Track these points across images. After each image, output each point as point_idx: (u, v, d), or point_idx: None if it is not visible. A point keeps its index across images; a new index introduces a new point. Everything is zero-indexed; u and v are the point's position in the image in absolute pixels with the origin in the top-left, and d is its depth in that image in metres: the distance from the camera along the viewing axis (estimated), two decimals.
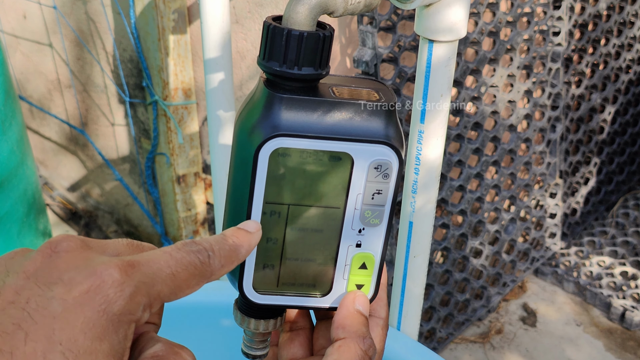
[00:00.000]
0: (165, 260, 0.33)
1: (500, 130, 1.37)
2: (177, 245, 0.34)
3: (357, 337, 0.38)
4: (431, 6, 0.60)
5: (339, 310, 0.40)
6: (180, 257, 0.33)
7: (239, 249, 0.36)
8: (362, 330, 0.39)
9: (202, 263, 0.34)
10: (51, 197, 1.85)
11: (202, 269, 0.34)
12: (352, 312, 0.40)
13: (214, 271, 0.35)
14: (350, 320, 0.39)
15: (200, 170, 1.45)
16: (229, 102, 0.89)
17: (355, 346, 0.38)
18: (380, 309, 0.42)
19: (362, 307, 0.40)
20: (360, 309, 0.40)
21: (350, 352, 0.38)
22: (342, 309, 0.40)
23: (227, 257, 0.36)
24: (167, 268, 0.32)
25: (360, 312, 0.40)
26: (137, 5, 1.29)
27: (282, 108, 0.37)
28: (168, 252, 0.33)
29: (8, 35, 1.70)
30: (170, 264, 0.33)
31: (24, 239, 1.11)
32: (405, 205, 0.71)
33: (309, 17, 0.37)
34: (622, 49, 1.64)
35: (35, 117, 1.82)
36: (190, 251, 0.34)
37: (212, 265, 0.35)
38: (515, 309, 1.55)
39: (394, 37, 1.09)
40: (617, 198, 1.84)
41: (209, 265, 0.34)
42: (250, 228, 0.38)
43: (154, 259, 0.32)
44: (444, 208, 1.33)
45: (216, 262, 0.35)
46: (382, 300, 0.43)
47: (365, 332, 0.39)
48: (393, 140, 0.38)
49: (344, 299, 0.40)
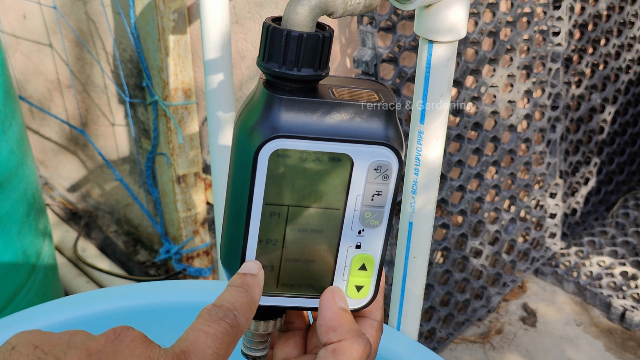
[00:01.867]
0: (204, 340, 0.34)
1: (500, 130, 1.37)
2: (204, 317, 0.35)
3: (352, 337, 0.38)
4: (431, 7, 0.60)
5: (323, 311, 0.39)
6: (213, 332, 0.34)
7: (255, 297, 0.38)
8: (354, 328, 0.38)
9: (232, 326, 0.35)
10: (51, 197, 1.85)
11: (233, 333, 0.35)
12: (337, 311, 0.39)
13: (242, 329, 0.36)
14: (338, 321, 0.38)
15: (200, 171, 1.45)
16: (228, 102, 0.89)
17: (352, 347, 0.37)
18: (375, 311, 0.42)
19: (344, 303, 0.40)
20: (342, 306, 0.39)
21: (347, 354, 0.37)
22: (326, 310, 0.39)
23: (248, 310, 0.37)
24: (208, 349, 0.34)
25: (344, 309, 0.39)
26: (137, 5, 1.29)
27: (281, 109, 0.37)
28: (202, 330, 0.34)
29: (8, 35, 1.70)
30: (209, 344, 0.34)
31: (24, 239, 1.11)
32: (405, 205, 0.71)
33: (308, 18, 0.37)
34: (622, 49, 1.64)
35: (35, 117, 1.82)
36: (219, 319, 0.35)
37: (240, 324, 0.36)
38: (515, 309, 1.55)
39: (394, 37, 1.09)
40: (617, 198, 1.84)
41: (237, 326, 0.36)
42: (253, 270, 0.39)
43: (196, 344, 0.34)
44: (444, 208, 1.33)
45: (242, 319, 0.36)
46: (377, 303, 0.42)
47: (358, 329, 0.38)
48: (393, 141, 0.38)
49: (324, 300, 0.40)
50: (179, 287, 0.73)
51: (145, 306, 0.71)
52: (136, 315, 0.70)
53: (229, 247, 0.40)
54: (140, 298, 0.71)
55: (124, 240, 1.72)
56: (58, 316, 0.68)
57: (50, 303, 0.70)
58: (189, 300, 0.72)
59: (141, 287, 0.72)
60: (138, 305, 0.71)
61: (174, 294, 0.72)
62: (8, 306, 1.10)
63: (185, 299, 0.72)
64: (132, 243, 1.71)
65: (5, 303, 1.09)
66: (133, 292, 0.72)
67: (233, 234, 0.40)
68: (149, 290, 0.72)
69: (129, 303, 0.71)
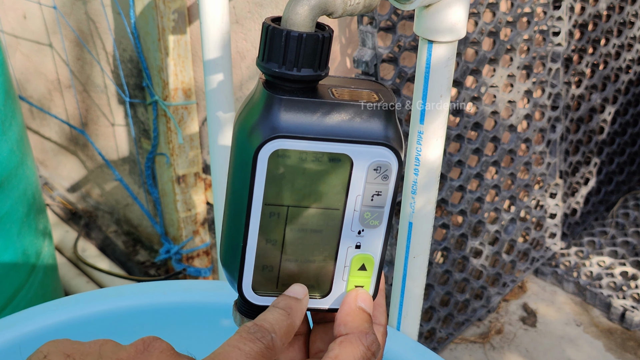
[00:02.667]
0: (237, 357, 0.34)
1: (500, 130, 1.37)
2: (242, 334, 0.35)
3: (360, 332, 0.38)
4: (430, 7, 0.60)
5: (341, 308, 0.40)
6: (248, 350, 0.34)
7: (295, 321, 0.38)
8: (364, 326, 0.39)
9: (268, 348, 0.35)
10: (51, 197, 1.85)
11: (268, 355, 0.35)
12: (354, 309, 0.40)
13: (277, 351, 0.36)
14: (352, 317, 0.39)
15: (200, 171, 1.45)
16: (228, 102, 0.89)
17: (357, 342, 0.38)
18: (379, 315, 0.42)
19: (365, 305, 0.40)
20: (362, 306, 0.40)
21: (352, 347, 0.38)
22: (344, 306, 0.40)
23: (287, 334, 0.37)
24: None
25: (363, 309, 0.40)
26: (137, 5, 1.29)
27: (281, 109, 0.37)
28: (236, 347, 0.34)
29: (8, 35, 1.70)
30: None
31: (24, 239, 1.11)
32: (405, 205, 0.71)
33: (308, 18, 0.37)
34: (622, 49, 1.64)
35: (35, 117, 1.82)
36: (255, 339, 0.35)
37: (276, 347, 0.36)
38: (515, 309, 1.55)
39: (394, 37, 1.09)
40: (617, 198, 1.84)
41: (273, 348, 0.36)
42: (299, 295, 0.39)
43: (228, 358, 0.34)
44: (444, 208, 1.33)
45: (279, 343, 0.36)
46: (381, 307, 0.43)
47: (368, 328, 0.39)
48: (392, 141, 0.38)
49: (346, 297, 0.40)
50: (179, 287, 0.73)
51: (145, 306, 0.71)
52: (136, 315, 0.70)
53: (228, 247, 0.40)
54: (140, 298, 0.71)
55: (123, 240, 1.72)
56: (58, 316, 0.68)
57: (50, 303, 0.70)
58: (189, 300, 0.72)
59: (141, 287, 0.72)
60: (138, 305, 0.71)
61: (174, 294, 0.72)
62: (8, 306, 1.10)
63: (185, 299, 0.72)
64: (132, 243, 1.71)
65: (5, 303, 1.09)
66: (133, 292, 0.72)
67: (233, 234, 0.40)
68: (149, 290, 0.72)
69: (128, 303, 0.71)
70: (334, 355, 0.38)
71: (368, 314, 0.40)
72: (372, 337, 0.39)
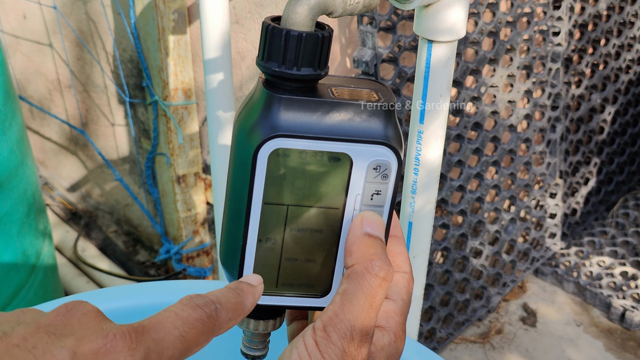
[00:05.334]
0: (172, 321, 0.32)
1: (500, 130, 1.37)
2: (183, 301, 0.34)
3: (364, 261, 0.36)
4: (430, 6, 0.60)
5: (347, 237, 0.38)
6: (186, 316, 0.33)
7: (245, 301, 0.36)
8: (369, 252, 0.36)
9: (210, 317, 0.34)
10: (51, 198, 1.85)
11: (210, 324, 0.34)
12: (359, 236, 0.37)
13: (221, 324, 0.34)
14: (356, 246, 0.37)
15: (200, 171, 1.45)
16: (228, 102, 0.89)
17: (362, 270, 0.36)
18: (403, 264, 0.40)
19: (371, 229, 0.38)
20: (369, 231, 0.38)
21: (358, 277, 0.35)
22: (350, 235, 0.38)
23: (234, 309, 0.35)
24: (175, 330, 0.32)
25: (370, 234, 0.37)
26: (137, 6, 1.29)
27: (281, 109, 0.37)
28: (174, 312, 0.33)
29: (8, 35, 1.70)
30: (177, 325, 0.32)
31: (24, 240, 1.11)
32: (405, 205, 0.71)
33: (307, 17, 0.37)
34: (622, 49, 1.64)
35: (36, 117, 1.82)
36: (197, 305, 0.34)
37: (220, 319, 0.34)
38: (515, 309, 1.55)
39: (394, 37, 1.09)
40: (617, 198, 1.84)
41: (216, 319, 0.34)
42: (253, 282, 0.38)
43: (161, 322, 0.32)
44: (444, 208, 1.33)
45: (223, 315, 0.34)
46: (403, 255, 0.40)
47: (373, 254, 0.36)
48: (392, 140, 0.38)
49: (352, 224, 0.38)
50: (179, 287, 0.73)
51: (145, 306, 0.71)
52: (136, 315, 0.70)
53: (228, 246, 0.40)
54: (140, 298, 0.71)
55: (123, 241, 1.72)
56: None
57: (50, 303, 0.70)
58: None
59: (141, 287, 0.72)
60: (138, 305, 0.71)
61: (174, 294, 0.72)
62: (8, 306, 1.10)
63: None
64: (132, 243, 1.71)
65: (5, 303, 1.09)
66: (133, 292, 0.72)
67: (233, 234, 0.40)
68: (149, 290, 0.72)
69: (128, 303, 0.70)
70: (342, 291, 0.36)
71: (377, 238, 0.37)
72: (380, 263, 0.36)
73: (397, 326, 0.38)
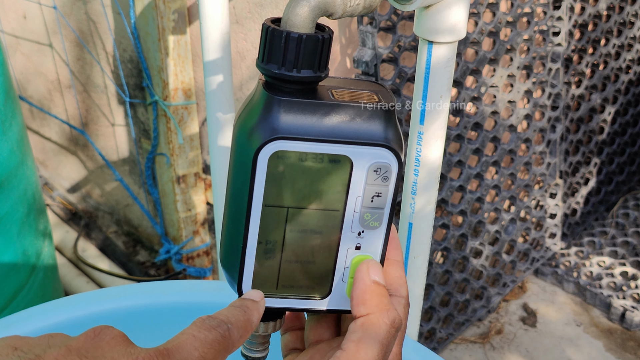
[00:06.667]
0: (192, 343, 0.34)
1: (500, 130, 1.37)
2: (197, 324, 0.36)
3: (380, 311, 0.38)
4: (430, 7, 0.60)
5: (356, 285, 0.39)
6: (204, 337, 0.35)
7: (252, 318, 0.38)
8: (384, 302, 0.38)
9: (224, 337, 0.36)
10: (51, 198, 1.85)
11: (224, 344, 0.36)
12: (369, 284, 0.39)
13: (234, 343, 0.36)
14: (369, 295, 0.38)
15: (200, 171, 1.45)
16: (228, 103, 0.89)
17: (380, 321, 0.37)
18: (400, 288, 0.41)
19: (378, 277, 0.39)
20: (376, 279, 0.39)
21: (375, 327, 0.37)
22: (359, 282, 0.39)
23: (243, 327, 0.37)
24: (195, 351, 0.34)
25: (377, 282, 0.39)
26: (137, 6, 1.29)
27: (281, 111, 0.37)
28: (192, 334, 0.35)
29: (8, 35, 1.70)
30: (197, 346, 0.34)
31: (24, 240, 1.11)
32: (405, 206, 0.71)
33: (308, 19, 0.37)
34: (622, 49, 1.64)
35: (36, 117, 1.82)
36: (211, 327, 0.35)
37: (232, 337, 0.36)
38: (515, 309, 1.55)
39: (394, 37, 1.09)
40: (617, 198, 1.84)
41: (229, 338, 0.36)
42: (256, 297, 0.39)
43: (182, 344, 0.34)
44: (444, 208, 1.33)
45: (235, 334, 0.36)
46: (401, 279, 0.42)
47: (388, 303, 0.38)
48: (392, 142, 0.38)
49: (358, 272, 0.39)
50: (179, 287, 0.73)
51: (145, 306, 0.71)
52: (136, 315, 0.70)
53: (228, 248, 0.40)
54: (140, 298, 0.71)
55: (124, 241, 1.72)
56: (58, 316, 0.68)
57: (50, 303, 0.70)
58: (189, 301, 0.72)
59: (141, 287, 0.72)
60: (138, 305, 0.71)
61: (174, 294, 0.72)
62: (8, 306, 1.10)
63: (185, 299, 0.72)
64: (132, 243, 1.71)
65: (5, 303, 1.09)
66: (133, 292, 0.72)
67: (233, 235, 0.40)
68: (149, 290, 0.72)
69: (129, 303, 0.70)
70: (357, 339, 0.37)
71: (383, 287, 0.39)
72: (394, 313, 0.38)
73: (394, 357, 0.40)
